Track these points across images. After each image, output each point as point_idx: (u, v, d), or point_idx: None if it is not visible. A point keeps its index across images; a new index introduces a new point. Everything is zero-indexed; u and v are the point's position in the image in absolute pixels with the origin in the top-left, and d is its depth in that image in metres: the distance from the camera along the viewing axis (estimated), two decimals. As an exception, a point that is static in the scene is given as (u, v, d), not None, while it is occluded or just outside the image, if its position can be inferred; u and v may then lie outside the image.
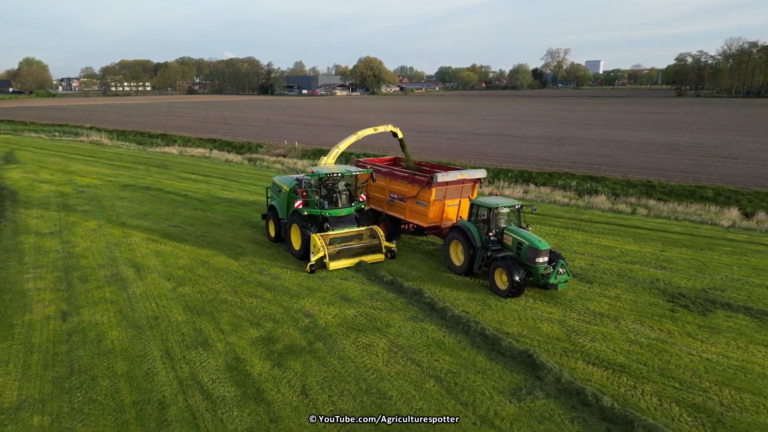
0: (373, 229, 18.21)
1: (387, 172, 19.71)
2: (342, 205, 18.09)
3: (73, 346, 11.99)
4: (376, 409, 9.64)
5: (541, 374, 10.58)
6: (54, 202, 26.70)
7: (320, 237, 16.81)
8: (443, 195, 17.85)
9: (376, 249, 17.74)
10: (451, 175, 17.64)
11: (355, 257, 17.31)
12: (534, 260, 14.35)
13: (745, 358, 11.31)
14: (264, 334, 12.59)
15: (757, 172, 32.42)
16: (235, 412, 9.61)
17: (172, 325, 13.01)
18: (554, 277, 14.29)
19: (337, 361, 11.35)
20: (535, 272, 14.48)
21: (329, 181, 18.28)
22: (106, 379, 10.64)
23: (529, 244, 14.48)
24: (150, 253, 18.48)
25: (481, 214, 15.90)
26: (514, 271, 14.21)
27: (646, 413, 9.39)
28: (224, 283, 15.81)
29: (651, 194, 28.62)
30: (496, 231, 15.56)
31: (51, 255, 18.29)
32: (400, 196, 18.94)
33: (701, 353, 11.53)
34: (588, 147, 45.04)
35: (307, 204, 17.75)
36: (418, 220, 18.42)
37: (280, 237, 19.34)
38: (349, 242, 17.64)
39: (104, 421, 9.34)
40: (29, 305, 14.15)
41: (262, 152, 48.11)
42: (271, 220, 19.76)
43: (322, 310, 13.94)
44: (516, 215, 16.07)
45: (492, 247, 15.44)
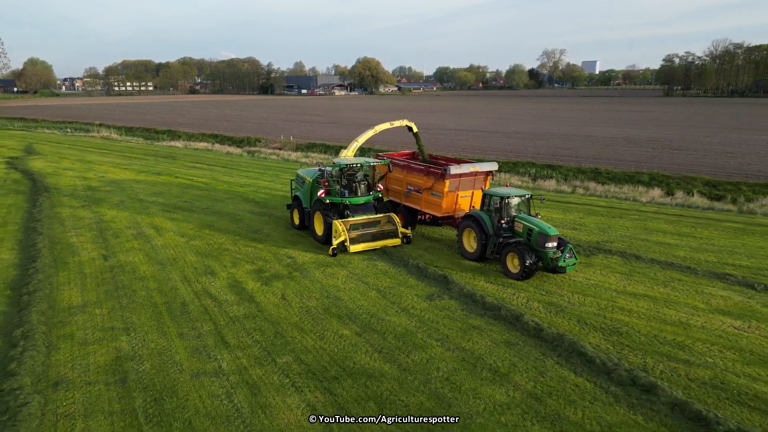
0: (390, 216, 19.45)
1: (404, 165, 20.67)
2: (361, 194, 19.35)
3: (115, 274, 16.31)
4: (331, 304, 13.97)
5: (450, 287, 14.94)
6: (79, 184, 31.05)
7: (341, 223, 18.06)
8: (456, 186, 18.78)
9: (393, 234, 18.95)
10: (464, 168, 18.58)
11: (373, 241, 18.55)
12: (544, 245, 15.14)
13: (602, 281, 15.64)
14: (256, 267, 16.92)
15: (696, 161, 36.75)
16: (234, 307, 13.93)
17: (187, 263, 17.34)
18: (563, 260, 15.18)
19: (309, 282, 15.69)
20: (545, 256, 15.27)
21: (349, 171, 19.71)
22: (143, 291, 14.96)
23: (539, 230, 15.28)
24: (165, 219, 22.83)
25: (493, 203, 16.79)
26: (525, 255, 15.05)
27: (513, 304, 13.72)
28: (226, 238, 20.15)
29: (597, 179, 32.96)
30: (507, 219, 16.39)
31: (85, 221, 22.63)
32: (417, 188, 19.85)
33: (571, 277, 15.86)
34: (556, 141, 49.38)
35: (329, 193, 19.12)
36: (432, 210, 19.32)
37: (303, 225, 20.73)
38: (367, 228, 18.82)
39: (145, 312, 13.64)
40: (77, 251, 18.48)
41: (260, 146, 52.49)
42: (295, 209, 21.15)
43: (301, 254, 18.28)
44: (526, 204, 16.93)
45: (503, 234, 16.28)
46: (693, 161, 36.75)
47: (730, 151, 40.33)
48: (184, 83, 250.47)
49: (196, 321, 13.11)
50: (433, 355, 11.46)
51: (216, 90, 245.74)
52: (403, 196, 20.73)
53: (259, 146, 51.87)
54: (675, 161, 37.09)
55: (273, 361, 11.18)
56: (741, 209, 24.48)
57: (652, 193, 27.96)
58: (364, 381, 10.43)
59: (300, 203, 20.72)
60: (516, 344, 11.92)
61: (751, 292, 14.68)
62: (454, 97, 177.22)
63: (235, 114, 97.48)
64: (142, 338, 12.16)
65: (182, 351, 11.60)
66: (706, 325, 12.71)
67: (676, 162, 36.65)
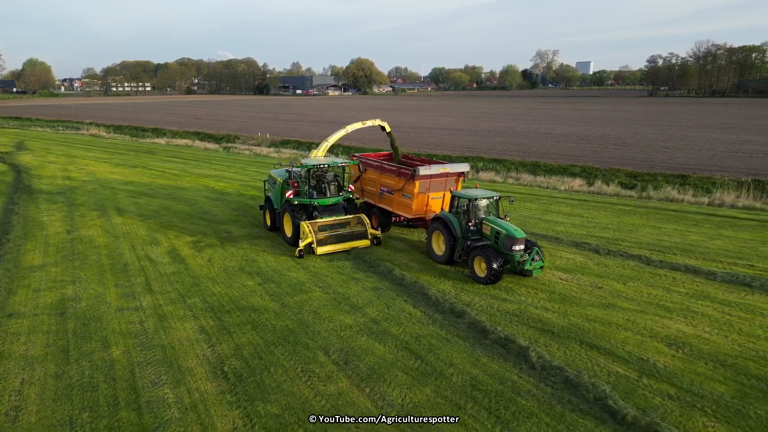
0: (359, 216, 19.30)
1: (377, 166, 20.47)
2: (330, 195, 19.27)
3: (75, 244, 19.36)
4: (247, 265, 17.00)
5: (350, 252, 18.00)
6: (59, 174, 34.14)
7: (309, 224, 17.85)
8: (427, 188, 18.62)
9: (362, 235, 18.77)
10: (434, 169, 18.47)
11: (341, 243, 18.38)
12: (511, 248, 14.95)
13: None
14: (195, 239, 19.96)
15: (631, 156, 39.70)
16: (167, 267, 16.94)
17: (137, 236, 20.38)
18: (529, 263, 15.02)
19: (235, 249, 18.72)
20: (512, 259, 15.09)
21: (317, 172, 19.53)
22: (94, 256, 17.99)
23: (506, 233, 15.05)
24: (129, 203, 25.89)
25: (461, 205, 16.60)
26: (492, 259, 14.78)
27: (394, 263, 16.74)
28: (177, 218, 23.18)
29: (535, 172, 35.91)
30: (476, 221, 16.16)
31: (58, 204, 25.68)
32: (389, 189, 19.64)
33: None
34: (515, 138, 52.40)
35: (298, 194, 19.11)
36: (403, 211, 19.15)
37: (275, 226, 20.55)
38: (336, 229, 18.74)
39: (91, 270, 16.66)
40: (45, 227, 21.53)
41: (238, 143, 55.48)
42: (267, 210, 21.06)
43: (238, 230, 21.31)
44: (494, 206, 16.76)
45: (471, 237, 16.03)
46: (628, 155, 39.72)
47: (666, 147, 43.31)
48: (181, 84, 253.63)
49: (132, 276, 16.16)
50: (312, 297, 14.51)
51: (212, 90, 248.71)
52: (377, 197, 20.54)
53: (237, 143, 54.86)
54: (612, 155, 40.05)
55: (183, 301, 14.22)
56: (640, 195, 27.49)
57: (574, 183, 30.92)
58: (249, 313, 13.47)
59: (272, 204, 20.57)
60: (381, 289, 14.97)
61: (594, 255, 17.73)
62: (444, 97, 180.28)
63: (225, 113, 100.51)
64: (85, 287, 15.20)
65: (114, 295, 14.65)
66: (537, 277, 15.74)
67: (613, 156, 39.62)
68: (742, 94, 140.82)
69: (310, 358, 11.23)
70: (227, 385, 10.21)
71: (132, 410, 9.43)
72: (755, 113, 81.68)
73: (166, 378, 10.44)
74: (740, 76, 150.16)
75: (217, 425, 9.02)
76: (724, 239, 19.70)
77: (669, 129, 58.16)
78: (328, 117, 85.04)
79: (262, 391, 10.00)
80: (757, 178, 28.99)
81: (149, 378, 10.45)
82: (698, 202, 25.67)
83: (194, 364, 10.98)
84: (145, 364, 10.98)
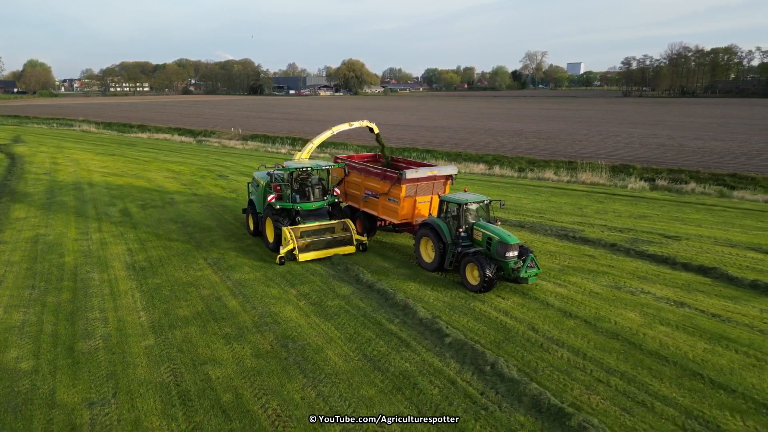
0: (344, 222, 18.45)
1: (362, 169, 19.53)
2: (314, 199, 18.52)
3: (51, 204, 25.39)
4: (177, 218, 22.98)
5: (255, 209, 24.03)
6: (47, 161, 40.23)
7: (291, 230, 17.22)
8: (414, 191, 17.87)
9: (347, 242, 18.03)
10: (421, 172, 17.73)
11: (325, 249, 17.65)
12: (504, 255, 14.37)
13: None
14: (143, 202, 25.98)
15: (543, 147, 45.63)
16: (116, 218, 22.93)
17: (100, 201, 26.42)
18: (524, 270, 14.45)
19: (172, 209, 24.71)
20: (506, 267, 14.50)
21: (300, 175, 18.69)
22: (64, 212, 24.01)
23: (499, 239, 14.47)
24: (101, 182, 31.95)
25: (450, 210, 15.89)
26: (485, 266, 14.16)
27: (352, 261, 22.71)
28: (135, 190, 29.22)
29: (457, 159, 41.82)
30: (466, 227, 15.53)
31: (43, 181, 31.76)
32: (374, 193, 18.80)
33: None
34: (460, 133, 58.45)
35: (280, 198, 18.34)
36: (390, 216, 18.39)
37: (258, 231, 19.77)
38: (320, 235, 18.01)
39: (61, 220, 22.60)
40: (31, 195, 27.59)
41: (214, 137, 61.53)
42: (250, 214, 20.32)
43: (181, 197, 27.31)
44: (485, 210, 16.16)
45: (462, 243, 15.33)
46: (539, 147, 45.61)
47: (579, 140, 49.27)
48: (178, 84, 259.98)
49: (89, 222, 22.20)
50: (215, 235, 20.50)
51: (209, 91, 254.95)
52: (361, 201, 19.75)
53: (212, 137, 60.92)
54: (528, 147, 45.96)
55: (122, 235, 20.23)
56: (525, 176, 33.57)
57: (478, 168, 36.82)
58: (164, 241, 19.45)
59: (255, 208, 19.96)
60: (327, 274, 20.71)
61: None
62: (431, 98, 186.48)
63: (214, 112, 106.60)
64: (54, 229, 21.21)
65: (74, 232, 20.67)
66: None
67: (528, 147, 45.54)
68: (710, 94, 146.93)
69: (194, 261, 17.23)
70: (133, 272, 16.20)
71: (71, 281, 15.44)
72: (696, 111, 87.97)
73: (96, 269, 16.44)
74: (712, 77, 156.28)
75: (120, 287, 14.99)
76: (547, 203, 25.75)
77: (599, 125, 64.28)
78: (309, 115, 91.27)
79: (153, 274, 16.00)
80: (615, 163, 35.13)
81: (85, 269, 16.45)
82: (560, 180, 31.69)
83: (117, 264, 16.98)
84: (85, 264, 16.99)
